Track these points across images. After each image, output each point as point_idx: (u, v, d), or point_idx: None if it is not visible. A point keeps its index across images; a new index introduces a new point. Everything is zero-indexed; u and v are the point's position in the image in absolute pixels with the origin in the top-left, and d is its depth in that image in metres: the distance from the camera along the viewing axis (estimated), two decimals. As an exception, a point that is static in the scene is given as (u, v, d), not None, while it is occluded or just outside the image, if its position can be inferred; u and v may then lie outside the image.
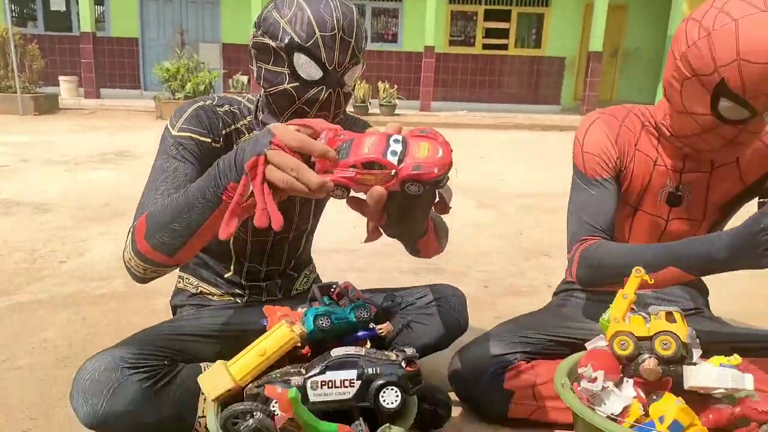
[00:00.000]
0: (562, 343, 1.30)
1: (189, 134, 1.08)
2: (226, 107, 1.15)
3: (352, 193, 0.77)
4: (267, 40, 1.04)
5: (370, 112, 9.38)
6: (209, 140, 1.10)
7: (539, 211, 3.41)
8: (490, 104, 11.73)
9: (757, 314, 1.92)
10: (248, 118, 1.17)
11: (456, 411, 1.32)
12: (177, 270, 1.33)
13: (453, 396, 1.29)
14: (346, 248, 1.31)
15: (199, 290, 1.29)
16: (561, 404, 1.21)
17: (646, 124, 1.22)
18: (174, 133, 1.08)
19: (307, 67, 1.03)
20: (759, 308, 1.99)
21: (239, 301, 1.29)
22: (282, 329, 0.91)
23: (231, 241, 1.23)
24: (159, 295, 1.89)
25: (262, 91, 1.11)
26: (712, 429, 0.89)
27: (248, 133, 1.16)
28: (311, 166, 0.74)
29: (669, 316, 0.95)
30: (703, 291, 1.40)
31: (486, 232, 2.93)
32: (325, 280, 1.46)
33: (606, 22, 9.94)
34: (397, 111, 9.65)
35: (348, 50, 1.04)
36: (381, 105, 9.53)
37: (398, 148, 0.74)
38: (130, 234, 0.96)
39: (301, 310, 1.01)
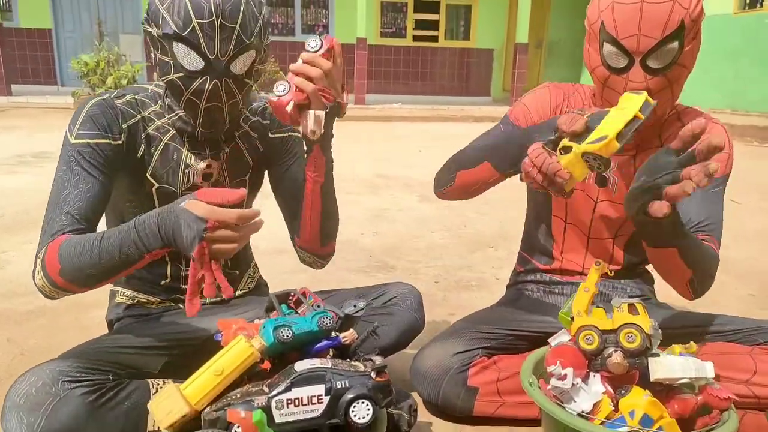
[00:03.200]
0: (521, 337, 1.30)
1: (86, 141, 1.02)
2: (129, 97, 1.09)
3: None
4: (151, 29, 1.00)
5: (304, 105, 9.21)
6: (107, 140, 1.04)
7: (479, 202, 3.44)
8: (423, 96, 11.81)
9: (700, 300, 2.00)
10: (159, 103, 1.12)
11: (420, 412, 1.29)
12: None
13: (416, 396, 1.26)
14: (289, 249, 1.26)
15: (136, 301, 1.21)
16: (525, 398, 1.20)
17: (586, 104, 1.25)
18: (72, 140, 1.03)
19: (187, 57, 0.99)
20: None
21: (181, 306, 1.21)
22: (240, 344, 0.84)
23: None
24: (93, 308, 1.75)
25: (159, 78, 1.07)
26: (677, 419, 0.90)
27: (158, 120, 1.11)
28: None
29: (632, 308, 0.96)
30: (649, 280, 1.44)
31: (432, 225, 2.93)
32: (271, 283, 1.40)
33: (530, 14, 10.21)
34: (331, 104, 9.53)
35: (232, 37, 0.99)
36: (315, 98, 9.38)
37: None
38: (40, 261, 0.95)
39: (258, 321, 0.94)
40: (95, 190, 1.01)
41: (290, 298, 1.00)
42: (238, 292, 1.31)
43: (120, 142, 1.06)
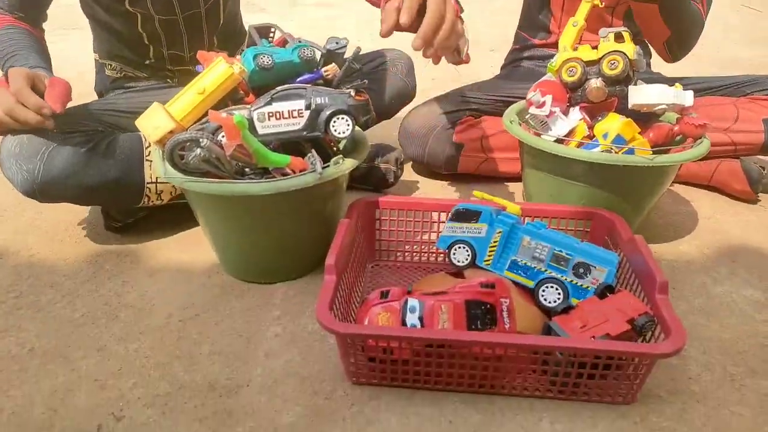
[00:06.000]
0: (509, 103, 1.30)
1: None
2: None
3: None
4: None
5: None
6: None
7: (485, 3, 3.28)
8: None
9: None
10: None
11: (407, 172, 1.34)
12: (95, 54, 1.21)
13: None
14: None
15: (123, 74, 1.19)
16: (509, 154, 1.24)
17: None
18: None
19: None
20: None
21: (170, 81, 1.21)
22: (220, 65, 0.85)
23: (139, 27, 1.11)
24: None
25: None
26: (652, 146, 0.92)
27: None
28: None
29: (619, 38, 0.94)
30: (647, 52, 1.40)
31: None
32: None
33: None
34: None
35: None
36: None
37: None
38: None
39: (239, 56, 0.94)
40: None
41: (272, 33, 0.98)
42: None
43: None
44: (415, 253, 0.97)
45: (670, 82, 0.98)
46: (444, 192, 1.27)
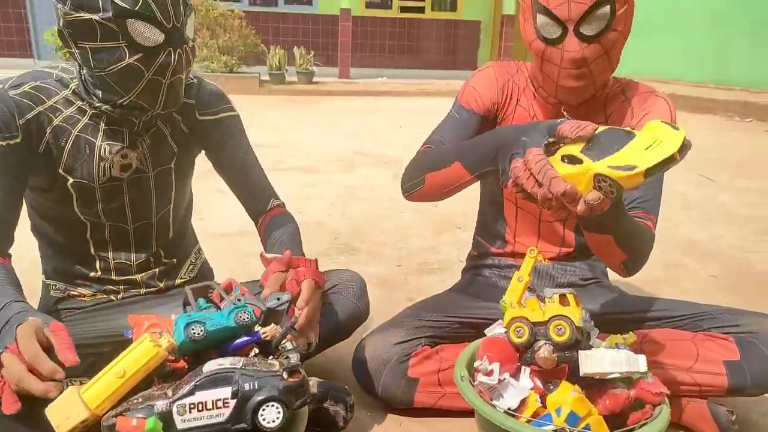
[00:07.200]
0: (468, 325, 1.27)
1: None
2: (28, 87, 1.00)
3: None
4: (85, 15, 0.90)
5: (287, 80, 9.05)
6: (5, 142, 0.97)
7: (454, 179, 3.40)
8: (409, 70, 11.65)
9: (653, 280, 1.98)
10: (64, 93, 1.03)
11: (361, 403, 1.26)
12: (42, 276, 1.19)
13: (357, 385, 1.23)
14: (252, 231, 1.23)
15: (67, 294, 1.16)
16: (466, 390, 1.18)
17: (529, 81, 1.22)
18: None
19: (146, 33, 0.92)
20: (656, 273, 2.06)
21: (114, 298, 1.17)
22: (144, 344, 0.80)
23: (88, 234, 1.11)
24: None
25: (93, 72, 0.97)
26: (608, 415, 0.87)
27: (65, 109, 1.03)
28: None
29: (563, 299, 0.93)
30: (601, 262, 1.41)
31: (402, 205, 2.88)
32: (227, 266, 1.36)
33: (518, -15, 10.03)
34: (315, 78, 9.36)
35: (179, 1, 0.93)
36: (298, 72, 9.21)
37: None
38: None
39: (174, 316, 0.90)
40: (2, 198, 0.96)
41: (209, 291, 0.95)
42: (178, 281, 1.26)
43: (19, 140, 0.98)
44: None
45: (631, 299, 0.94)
46: (399, 430, 1.18)
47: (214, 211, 2.60)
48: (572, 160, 0.78)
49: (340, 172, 3.60)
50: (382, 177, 3.49)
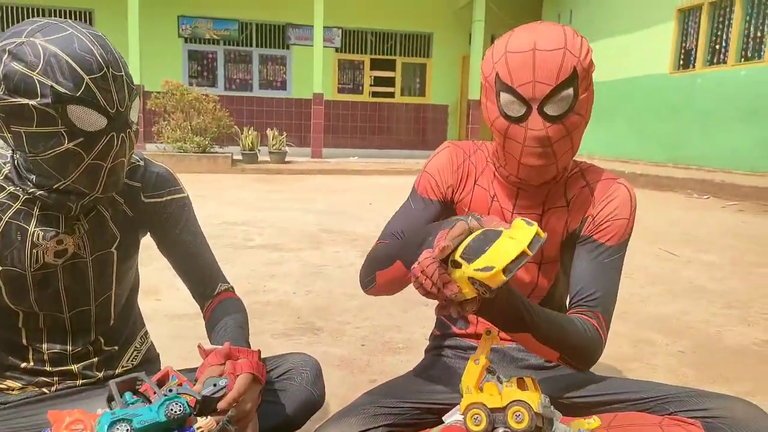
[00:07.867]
0: (428, 410, 1.20)
1: None
2: None
3: None
4: (21, 100, 0.86)
5: (260, 159, 9.17)
6: None
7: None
8: (380, 150, 11.95)
9: (623, 358, 1.95)
10: None
11: (313, 501, 1.16)
12: None
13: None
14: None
15: None
16: (424, 483, 1.09)
17: (489, 161, 1.21)
18: None
19: (87, 118, 0.88)
20: (624, 351, 2.03)
21: (47, 390, 1.07)
22: (61, 443, 0.72)
23: (20, 324, 1.04)
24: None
25: (27, 156, 0.93)
26: None
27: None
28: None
29: (521, 383, 0.88)
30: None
31: (367, 282, 2.84)
32: (184, 348, 1.27)
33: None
34: (287, 158, 9.51)
35: (124, 85, 0.91)
36: (270, 152, 9.35)
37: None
38: None
39: (100, 411, 0.82)
40: None
41: (138, 384, 0.87)
42: (119, 370, 1.17)
43: None
44: None
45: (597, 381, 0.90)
46: None
47: (171, 290, 2.51)
48: (454, 264, 0.81)
49: (307, 249, 3.56)
50: (349, 255, 3.46)
